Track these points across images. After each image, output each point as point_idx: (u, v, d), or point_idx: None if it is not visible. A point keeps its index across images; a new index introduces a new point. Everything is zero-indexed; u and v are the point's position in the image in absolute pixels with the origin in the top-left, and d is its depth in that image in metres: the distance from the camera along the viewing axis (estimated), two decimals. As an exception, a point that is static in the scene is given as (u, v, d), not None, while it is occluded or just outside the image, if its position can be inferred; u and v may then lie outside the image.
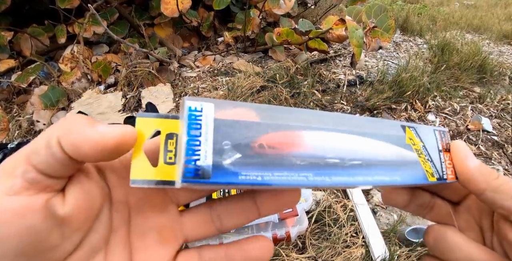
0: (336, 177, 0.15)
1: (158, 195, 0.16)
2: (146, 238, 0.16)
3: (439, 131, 0.21)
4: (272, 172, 0.14)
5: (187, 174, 0.12)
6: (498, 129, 1.33)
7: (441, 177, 0.20)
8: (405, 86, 1.34)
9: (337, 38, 1.15)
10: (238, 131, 0.14)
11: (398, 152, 0.19)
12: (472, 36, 2.39)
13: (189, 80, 1.38)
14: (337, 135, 0.16)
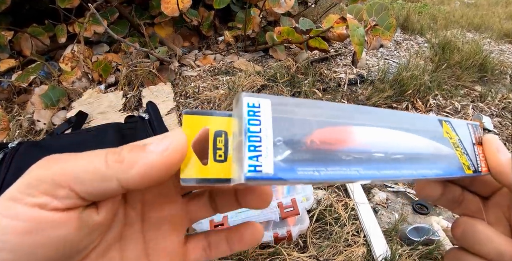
0: (385, 171, 0.16)
1: (169, 188, 0.18)
2: (159, 228, 0.17)
3: (472, 125, 0.22)
4: (326, 167, 0.14)
5: (250, 170, 0.12)
6: (499, 128, 1.33)
7: (476, 170, 0.20)
8: (406, 85, 1.34)
9: (338, 37, 1.14)
10: (290, 128, 0.14)
11: (436, 146, 0.19)
12: (473, 35, 2.38)
13: (189, 79, 1.38)
14: (381, 130, 0.17)
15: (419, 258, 0.73)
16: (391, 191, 0.95)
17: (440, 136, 0.20)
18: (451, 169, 0.19)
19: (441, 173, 0.19)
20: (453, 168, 0.19)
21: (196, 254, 0.19)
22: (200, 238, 0.19)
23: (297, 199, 0.68)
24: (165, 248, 0.17)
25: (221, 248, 0.19)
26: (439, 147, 0.19)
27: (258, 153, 0.13)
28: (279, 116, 0.14)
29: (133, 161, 0.13)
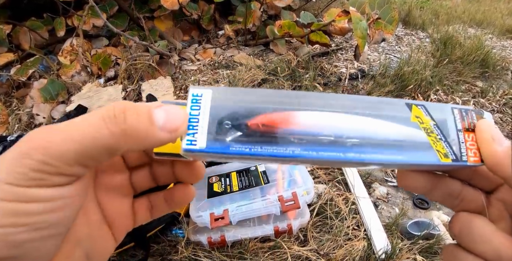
0: (324, 153, 0.17)
1: (119, 162, 0.20)
2: (110, 194, 0.19)
3: (460, 109, 0.20)
4: (261, 146, 0.16)
5: (187, 144, 0.16)
6: (500, 124, 1.32)
7: (458, 159, 0.18)
8: (407, 80, 1.33)
9: (339, 31, 1.13)
10: (237, 113, 0.17)
11: (401, 131, 0.18)
12: (475, 31, 2.37)
13: (189, 73, 1.37)
14: (333, 115, 0.18)
15: (419, 252, 0.73)
16: (391, 186, 0.95)
17: (407, 120, 0.18)
18: (419, 156, 0.18)
19: (401, 159, 0.17)
20: (423, 155, 0.18)
21: (142, 214, 0.21)
22: (144, 200, 0.21)
23: (298, 192, 0.68)
24: (118, 211, 0.20)
25: (161, 208, 0.22)
26: (407, 132, 0.18)
27: (195, 131, 0.16)
28: (226, 104, 0.17)
29: (141, 134, 0.14)
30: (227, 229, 0.69)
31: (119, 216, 0.20)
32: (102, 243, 0.19)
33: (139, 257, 0.67)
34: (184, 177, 0.21)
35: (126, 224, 0.21)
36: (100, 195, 0.19)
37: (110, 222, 0.19)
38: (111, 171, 0.20)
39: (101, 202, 0.19)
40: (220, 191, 0.71)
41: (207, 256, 0.68)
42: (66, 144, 0.13)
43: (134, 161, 0.21)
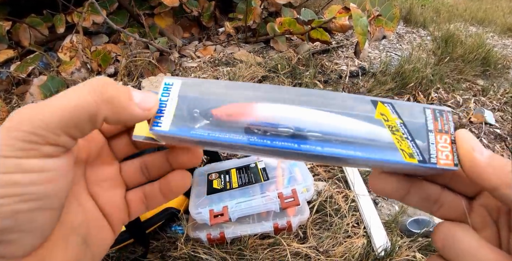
0: (279, 142, 0.17)
1: (107, 153, 0.21)
2: (101, 185, 0.20)
3: (433, 109, 0.19)
4: (220, 132, 0.17)
5: (154, 126, 0.18)
6: (501, 122, 1.32)
7: (425, 160, 0.17)
8: (408, 77, 1.33)
9: (340, 28, 1.13)
10: (203, 102, 0.18)
11: (364, 127, 0.18)
12: (476, 29, 2.36)
13: (189, 70, 1.37)
14: (295, 108, 0.18)
15: (419, 250, 0.73)
16: (391, 184, 0.95)
17: (371, 117, 0.18)
18: (379, 153, 0.17)
19: (367, 156, 0.17)
20: (385, 152, 0.17)
21: (136, 207, 0.21)
22: (137, 192, 0.21)
23: (298, 189, 0.68)
24: (111, 203, 0.20)
25: (156, 199, 0.21)
26: (369, 129, 0.18)
27: (162, 115, 0.18)
28: (189, 93, 0.18)
29: (121, 104, 0.16)
30: (227, 226, 0.69)
31: (113, 208, 0.20)
32: (99, 232, 0.19)
33: (138, 254, 0.67)
34: (179, 161, 0.21)
35: (121, 216, 0.21)
36: (91, 188, 0.19)
37: (105, 213, 0.20)
38: (99, 163, 0.20)
39: (93, 195, 0.19)
40: (220, 188, 0.71)
41: (207, 252, 0.68)
42: (51, 114, 0.14)
43: (123, 152, 0.21)
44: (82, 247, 0.18)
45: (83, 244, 0.18)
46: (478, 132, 1.24)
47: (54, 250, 0.16)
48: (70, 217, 0.17)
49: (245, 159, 0.80)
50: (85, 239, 0.18)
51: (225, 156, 0.95)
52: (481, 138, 1.21)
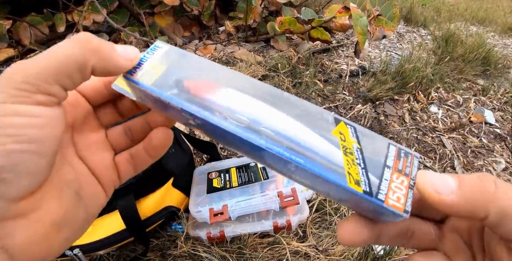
0: (225, 123, 0.17)
1: (93, 120, 0.22)
2: (89, 149, 0.21)
3: (399, 148, 0.18)
4: (179, 98, 0.18)
5: (129, 72, 0.19)
6: (501, 122, 1.32)
7: (372, 193, 0.16)
8: (408, 77, 1.33)
9: (340, 27, 1.13)
10: (181, 71, 0.19)
11: (316, 139, 0.17)
12: (477, 28, 2.36)
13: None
14: (258, 103, 0.18)
15: (418, 249, 0.74)
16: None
17: (328, 132, 0.17)
18: (325, 170, 0.16)
19: (301, 162, 0.16)
20: (327, 170, 0.16)
21: (124, 168, 0.22)
22: (124, 154, 0.22)
23: (297, 188, 0.68)
24: (100, 164, 0.21)
25: (141, 157, 0.22)
26: (322, 143, 0.17)
27: (139, 68, 0.19)
28: (172, 60, 0.20)
29: (106, 53, 0.17)
30: (226, 224, 0.69)
31: (102, 169, 0.21)
32: (91, 190, 0.20)
33: (138, 252, 0.68)
34: (157, 121, 0.22)
35: (112, 177, 0.22)
36: (80, 151, 0.20)
37: (95, 174, 0.21)
38: (86, 129, 0.21)
39: (82, 158, 0.20)
40: (220, 187, 0.71)
41: (206, 251, 0.68)
42: (43, 64, 0.15)
43: (108, 120, 0.23)
44: (75, 199, 0.19)
45: (76, 197, 0.19)
46: (478, 131, 1.24)
47: (48, 198, 0.17)
48: (61, 173, 0.18)
49: (245, 158, 0.80)
50: (78, 193, 0.19)
51: (225, 155, 0.95)
52: (481, 138, 1.21)
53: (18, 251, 0.16)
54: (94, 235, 0.61)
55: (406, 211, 0.16)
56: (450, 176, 0.15)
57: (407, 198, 0.16)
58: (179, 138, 0.79)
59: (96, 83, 0.21)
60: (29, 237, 0.16)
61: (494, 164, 1.11)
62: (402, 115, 1.25)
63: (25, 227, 0.16)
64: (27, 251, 0.16)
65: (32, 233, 0.16)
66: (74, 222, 0.19)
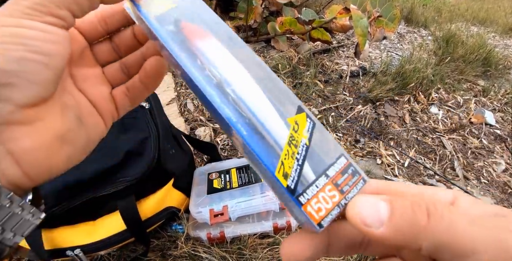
0: (197, 73, 0.17)
1: (89, 56, 0.22)
2: (88, 82, 0.21)
3: (349, 164, 0.17)
4: (168, 37, 0.18)
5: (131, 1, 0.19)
6: (501, 123, 1.32)
7: (294, 192, 0.15)
8: (409, 78, 1.33)
9: (340, 28, 1.13)
10: (185, 13, 0.19)
11: (273, 118, 0.16)
12: (478, 29, 2.36)
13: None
14: (240, 66, 0.18)
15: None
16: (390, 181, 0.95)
17: (284, 117, 0.16)
18: (259, 147, 0.16)
19: (244, 134, 0.16)
20: (263, 151, 0.16)
21: (121, 100, 0.23)
22: (120, 87, 0.23)
23: (297, 189, 0.68)
24: (98, 95, 0.22)
25: (137, 89, 0.23)
26: (275, 124, 0.16)
27: None
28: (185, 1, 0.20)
29: None
30: (227, 225, 0.69)
31: (101, 100, 0.22)
32: (91, 117, 0.21)
33: (139, 252, 0.68)
34: (153, 51, 0.22)
35: (110, 109, 0.22)
36: (78, 84, 0.21)
37: (94, 105, 0.21)
38: (83, 64, 0.22)
39: (81, 90, 0.21)
40: (220, 188, 0.71)
41: (207, 251, 0.68)
42: None
43: (104, 58, 0.23)
44: (76, 123, 0.19)
45: (77, 120, 0.20)
46: (478, 132, 1.24)
47: (52, 114, 0.18)
48: (63, 99, 0.19)
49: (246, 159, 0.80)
50: (79, 118, 0.20)
51: (226, 155, 0.95)
52: (481, 139, 1.21)
53: (23, 156, 0.17)
54: (95, 236, 0.61)
55: (321, 225, 0.15)
56: (384, 203, 0.14)
57: (329, 214, 0.15)
58: (180, 139, 0.79)
59: (92, 19, 0.21)
60: (33, 143, 0.17)
61: (494, 165, 1.11)
62: (403, 116, 1.25)
63: (30, 134, 0.17)
64: (31, 157, 0.17)
65: (36, 140, 0.17)
66: (76, 142, 0.19)
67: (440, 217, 0.13)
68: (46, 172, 0.18)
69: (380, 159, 1.03)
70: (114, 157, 0.60)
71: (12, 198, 0.16)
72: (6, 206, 0.16)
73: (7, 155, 0.16)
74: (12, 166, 0.16)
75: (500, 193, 1.01)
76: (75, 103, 0.20)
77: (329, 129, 1.09)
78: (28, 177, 0.17)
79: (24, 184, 0.17)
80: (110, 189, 0.58)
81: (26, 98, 0.16)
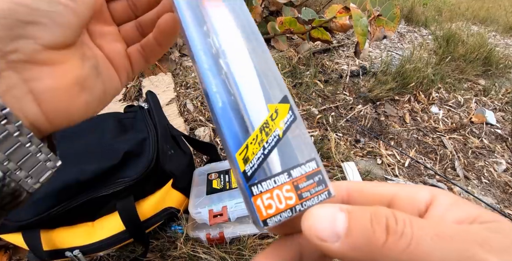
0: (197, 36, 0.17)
1: (106, 14, 0.23)
2: (104, 38, 0.22)
3: (319, 172, 0.16)
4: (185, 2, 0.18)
5: None
6: (502, 123, 1.32)
7: (248, 179, 0.14)
8: (409, 77, 1.32)
9: (340, 27, 1.12)
10: None
11: (255, 99, 0.16)
12: (478, 28, 2.35)
13: (190, 70, 1.37)
14: (239, 40, 0.17)
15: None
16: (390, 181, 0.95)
17: (267, 101, 0.16)
18: (232, 131, 0.15)
19: (220, 118, 0.15)
20: (234, 133, 0.15)
21: (136, 57, 0.23)
22: (135, 46, 0.24)
23: (297, 190, 0.68)
24: (114, 51, 0.22)
25: (152, 47, 0.23)
26: (257, 107, 0.16)
27: None
28: None
29: None
30: (226, 225, 0.69)
31: (116, 56, 0.22)
32: (108, 71, 0.21)
33: (138, 253, 0.68)
34: (168, 9, 0.23)
35: (125, 65, 0.23)
36: (95, 40, 0.22)
37: (110, 60, 0.22)
38: (100, 22, 0.22)
39: (98, 44, 0.22)
40: (219, 188, 0.71)
41: (206, 252, 0.68)
42: None
43: (120, 17, 0.24)
44: (94, 72, 0.20)
45: (95, 70, 0.20)
46: (479, 132, 1.24)
47: (73, 59, 0.18)
48: (82, 49, 0.20)
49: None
50: (96, 68, 0.20)
51: (225, 156, 0.95)
52: (482, 139, 1.21)
53: (44, 95, 0.17)
54: (94, 236, 0.61)
55: (266, 223, 0.14)
56: (342, 215, 0.13)
57: (279, 214, 0.14)
58: (179, 139, 0.79)
59: None
60: (54, 84, 0.17)
61: (495, 165, 1.11)
62: (403, 115, 1.25)
63: (52, 75, 0.17)
64: (52, 97, 0.17)
65: (57, 81, 0.17)
66: (94, 90, 0.20)
67: (399, 235, 0.12)
68: (65, 116, 0.18)
69: (380, 159, 1.03)
70: (113, 157, 0.60)
71: (31, 139, 0.17)
72: (25, 146, 0.16)
73: (28, 94, 0.16)
74: (32, 105, 0.17)
75: (501, 193, 1.01)
76: (92, 55, 0.20)
77: (329, 129, 1.09)
78: (47, 119, 0.17)
79: (43, 126, 0.17)
80: (109, 190, 0.58)
81: (51, 39, 0.17)
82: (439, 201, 0.15)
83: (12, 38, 0.16)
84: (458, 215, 0.14)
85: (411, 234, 0.12)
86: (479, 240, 0.12)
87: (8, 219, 0.55)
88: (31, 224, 0.55)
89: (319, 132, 1.07)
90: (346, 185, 0.17)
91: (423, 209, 0.15)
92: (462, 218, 0.14)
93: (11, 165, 0.16)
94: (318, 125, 1.11)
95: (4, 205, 0.16)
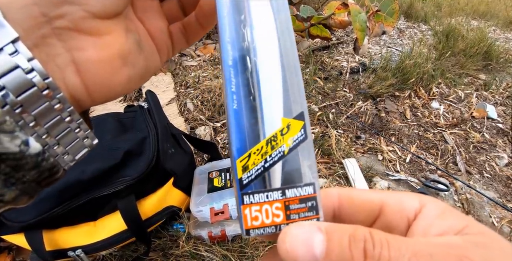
0: (225, 32, 0.16)
1: None
2: (147, 13, 0.21)
3: (315, 197, 0.15)
4: None
5: None
6: (503, 117, 1.31)
7: (242, 187, 0.14)
8: (409, 73, 1.32)
9: (339, 24, 1.12)
10: None
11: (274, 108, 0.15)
12: (478, 23, 2.34)
13: (190, 69, 1.37)
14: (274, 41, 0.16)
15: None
16: (392, 180, 0.95)
17: (280, 114, 0.15)
18: (241, 135, 0.15)
19: (232, 122, 0.15)
20: (243, 138, 0.15)
21: (177, 36, 0.23)
22: (177, 24, 0.23)
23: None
24: (157, 28, 0.21)
25: (193, 27, 0.22)
26: (273, 114, 0.15)
27: None
28: None
29: None
30: (228, 223, 0.69)
31: (158, 32, 0.21)
32: (149, 47, 0.21)
33: (140, 252, 0.68)
34: None
35: (166, 43, 0.22)
36: (138, 13, 0.21)
37: (151, 36, 0.21)
38: None
39: (140, 19, 0.21)
40: (220, 186, 0.71)
41: (208, 250, 0.68)
42: None
43: None
44: (137, 47, 0.19)
45: (137, 45, 0.19)
46: (480, 127, 1.23)
47: (117, 31, 0.17)
48: (125, 23, 0.19)
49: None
50: (139, 43, 0.19)
51: (226, 154, 0.95)
52: (483, 133, 1.20)
53: (87, 66, 0.16)
54: (96, 236, 0.61)
55: (248, 233, 0.14)
56: (320, 237, 0.13)
57: (263, 228, 0.14)
58: (180, 138, 0.79)
59: None
60: (98, 55, 0.16)
61: (496, 159, 1.10)
62: (403, 111, 1.25)
63: (96, 45, 0.16)
64: (94, 69, 0.16)
65: (101, 53, 0.17)
66: (136, 65, 0.19)
67: (376, 259, 0.12)
68: (106, 90, 0.17)
69: (381, 155, 1.03)
70: (113, 157, 0.60)
71: (72, 113, 0.16)
72: (65, 121, 0.16)
73: (70, 64, 0.16)
74: (74, 76, 0.16)
75: (503, 187, 1.00)
76: (135, 29, 0.20)
77: (330, 126, 1.09)
78: (88, 92, 0.17)
79: (83, 99, 0.17)
80: (110, 189, 0.58)
81: (99, 6, 0.16)
82: (427, 210, 0.15)
83: (57, 2, 0.15)
84: (444, 225, 0.14)
85: (388, 258, 0.12)
86: (460, 255, 0.11)
87: (10, 220, 0.55)
88: (33, 224, 0.55)
89: (319, 129, 1.07)
90: (337, 192, 0.17)
91: (412, 217, 0.15)
92: (448, 229, 0.13)
93: (50, 140, 0.15)
94: (319, 122, 1.11)
95: (42, 180, 0.15)
